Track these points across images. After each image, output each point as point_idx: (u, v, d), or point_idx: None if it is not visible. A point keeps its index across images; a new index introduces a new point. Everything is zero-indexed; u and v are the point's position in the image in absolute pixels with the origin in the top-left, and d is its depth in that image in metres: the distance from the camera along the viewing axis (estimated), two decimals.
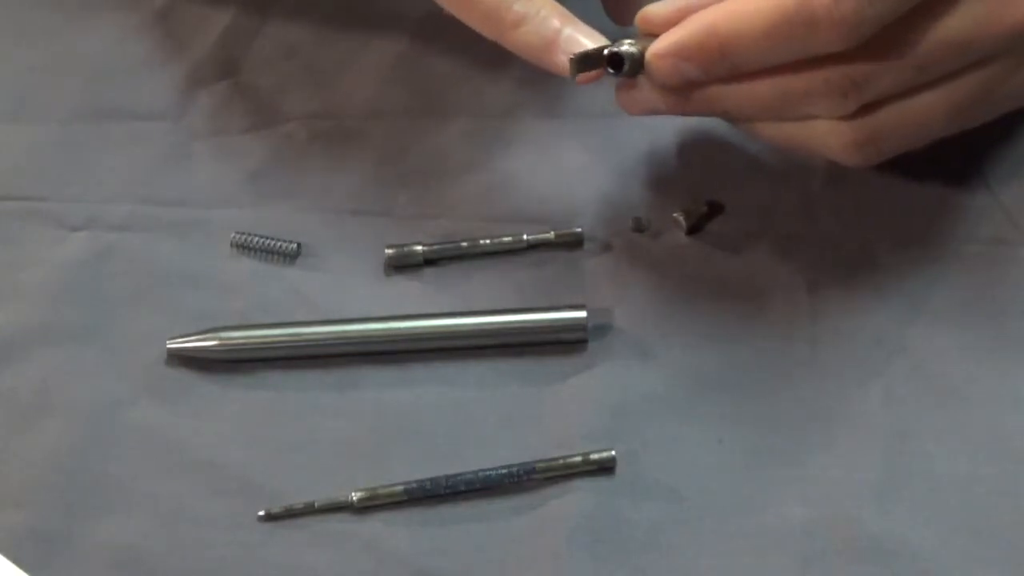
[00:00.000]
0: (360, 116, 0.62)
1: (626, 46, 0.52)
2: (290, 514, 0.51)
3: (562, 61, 0.53)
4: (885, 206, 0.57)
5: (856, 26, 0.48)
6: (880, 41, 0.49)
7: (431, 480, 0.51)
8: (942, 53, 0.50)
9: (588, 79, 0.53)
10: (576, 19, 0.54)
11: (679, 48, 0.51)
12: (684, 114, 0.55)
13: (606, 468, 0.51)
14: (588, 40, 0.53)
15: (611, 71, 0.52)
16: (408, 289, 0.57)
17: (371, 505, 0.51)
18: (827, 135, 0.52)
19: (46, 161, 0.61)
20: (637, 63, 0.52)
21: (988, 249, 0.56)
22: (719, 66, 0.51)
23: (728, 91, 0.52)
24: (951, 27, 0.50)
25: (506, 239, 0.57)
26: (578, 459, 0.51)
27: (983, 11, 0.50)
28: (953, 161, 0.57)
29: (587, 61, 0.52)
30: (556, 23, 0.54)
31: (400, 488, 0.51)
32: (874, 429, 0.51)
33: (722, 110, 0.54)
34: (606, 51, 0.52)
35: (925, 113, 0.52)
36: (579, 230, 0.57)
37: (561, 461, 0.51)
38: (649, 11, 0.52)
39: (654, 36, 0.52)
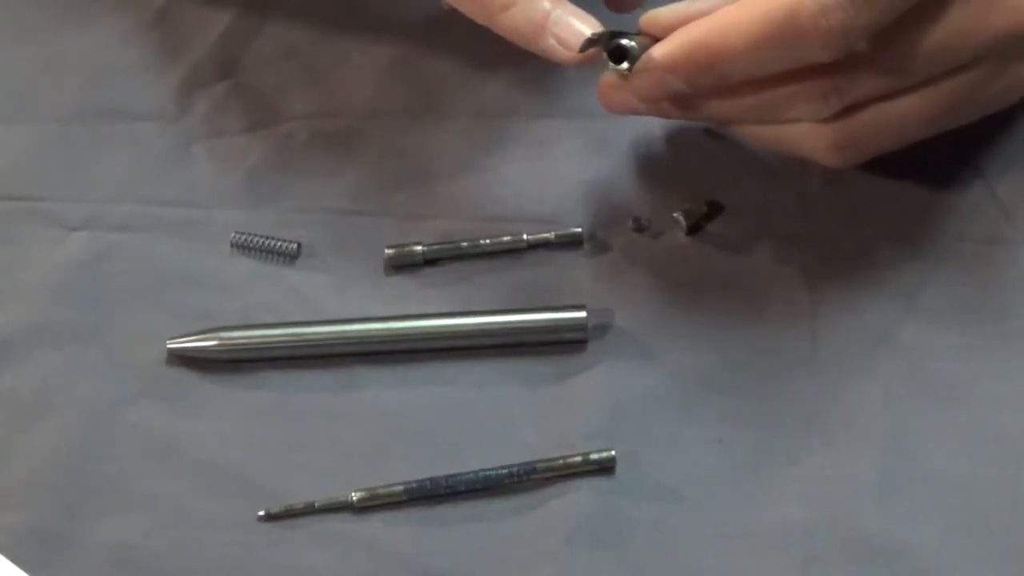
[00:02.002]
0: (359, 116, 0.62)
1: (626, 40, 0.52)
2: (290, 514, 0.51)
3: (551, 45, 0.52)
4: (884, 204, 0.57)
5: (843, 37, 0.48)
6: (862, 47, 0.49)
7: (431, 480, 0.51)
8: (924, 59, 0.50)
9: (586, 58, 0.52)
10: (566, 1, 0.53)
11: (667, 62, 0.51)
12: (667, 118, 0.55)
13: (606, 468, 0.51)
14: (579, 21, 0.52)
15: (611, 63, 0.52)
16: (408, 289, 0.57)
17: (371, 505, 0.51)
18: (808, 137, 0.53)
19: (46, 161, 0.61)
20: (636, 60, 0.52)
21: (985, 248, 0.56)
22: (706, 78, 0.51)
23: (711, 98, 0.52)
24: (934, 34, 0.50)
25: (506, 239, 0.57)
26: (578, 459, 0.51)
27: (966, 18, 0.50)
28: (950, 158, 0.57)
29: (594, 46, 0.52)
30: (545, 5, 0.53)
31: (400, 488, 0.51)
32: (873, 429, 0.51)
33: (705, 115, 0.54)
34: (614, 42, 0.52)
35: (906, 116, 0.52)
36: (579, 230, 0.57)
37: (561, 461, 0.51)
38: (656, 14, 0.52)
39: (653, 38, 0.52)
